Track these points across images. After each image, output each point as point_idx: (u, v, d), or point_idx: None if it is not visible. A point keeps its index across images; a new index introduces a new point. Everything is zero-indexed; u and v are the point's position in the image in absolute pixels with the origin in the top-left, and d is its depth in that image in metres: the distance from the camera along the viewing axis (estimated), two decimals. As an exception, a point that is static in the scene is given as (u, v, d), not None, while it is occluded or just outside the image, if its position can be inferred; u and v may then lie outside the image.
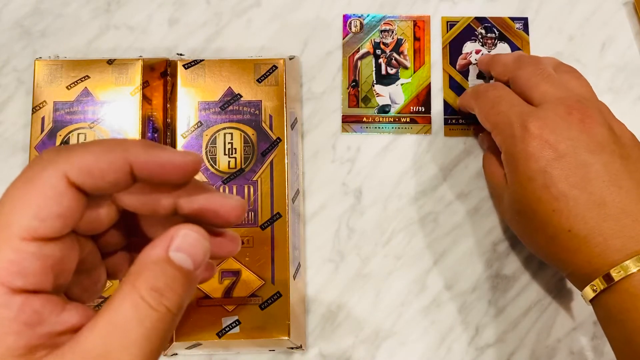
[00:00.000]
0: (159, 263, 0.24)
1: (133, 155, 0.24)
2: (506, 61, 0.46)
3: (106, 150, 0.24)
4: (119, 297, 0.23)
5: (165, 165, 0.25)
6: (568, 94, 0.42)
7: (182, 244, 0.24)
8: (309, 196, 0.50)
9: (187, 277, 0.24)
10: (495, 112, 0.43)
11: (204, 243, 0.25)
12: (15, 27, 0.53)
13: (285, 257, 0.45)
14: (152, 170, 0.25)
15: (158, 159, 0.25)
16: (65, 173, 0.23)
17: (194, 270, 0.25)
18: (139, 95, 0.48)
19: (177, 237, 0.24)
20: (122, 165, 0.24)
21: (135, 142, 0.25)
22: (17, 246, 0.23)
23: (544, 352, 0.47)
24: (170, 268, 0.24)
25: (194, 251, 0.25)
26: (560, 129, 0.39)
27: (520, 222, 0.43)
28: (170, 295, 0.24)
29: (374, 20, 0.53)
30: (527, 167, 0.40)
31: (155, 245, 0.24)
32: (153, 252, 0.24)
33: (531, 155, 0.39)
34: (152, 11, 0.54)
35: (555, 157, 0.39)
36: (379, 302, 0.48)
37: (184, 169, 0.25)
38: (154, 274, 0.24)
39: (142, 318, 0.23)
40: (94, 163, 0.24)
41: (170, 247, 0.24)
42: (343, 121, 0.52)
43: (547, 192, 0.39)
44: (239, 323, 0.44)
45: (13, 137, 0.51)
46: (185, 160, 0.25)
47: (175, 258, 0.24)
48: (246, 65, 0.48)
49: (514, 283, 0.48)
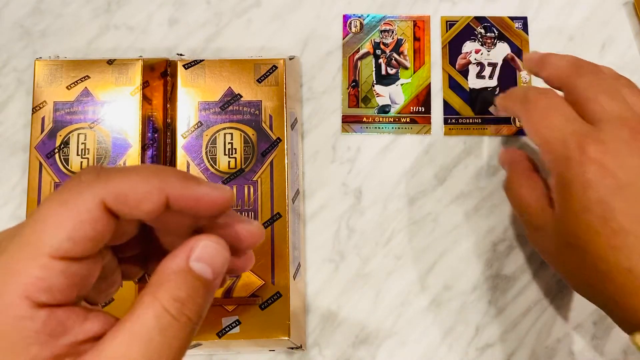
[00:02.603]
0: (180, 273, 0.24)
1: (170, 187, 0.25)
2: (560, 64, 0.41)
3: (144, 179, 0.24)
4: (141, 307, 0.23)
5: (201, 200, 0.25)
6: (630, 113, 0.37)
7: (202, 254, 0.25)
8: (309, 196, 0.50)
9: (207, 286, 0.25)
10: (547, 126, 0.38)
11: (224, 253, 0.25)
12: (15, 27, 0.53)
13: (285, 257, 0.45)
14: (188, 204, 0.25)
15: (195, 194, 0.25)
16: (102, 199, 0.24)
17: (214, 280, 0.25)
18: (139, 95, 0.48)
19: (197, 248, 0.25)
20: (159, 196, 0.24)
21: (173, 173, 0.25)
22: (46, 263, 0.23)
23: (544, 352, 0.47)
24: (191, 278, 0.24)
25: (213, 261, 0.25)
26: (623, 155, 0.35)
27: (569, 257, 0.38)
28: (191, 305, 0.24)
29: (374, 21, 0.53)
30: (583, 196, 0.35)
31: (176, 256, 0.25)
32: (174, 263, 0.24)
33: (589, 182, 0.35)
34: (152, 11, 0.54)
35: (617, 186, 0.35)
36: (379, 302, 0.48)
37: (219, 205, 0.26)
38: (175, 284, 0.24)
39: (164, 328, 0.23)
40: (131, 192, 0.24)
41: (191, 257, 0.25)
42: (343, 121, 0.52)
43: (606, 225, 0.35)
44: (239, 323, 0.44)
45: (13, 137, 0.51)
46: (221, 197, 0.26)
47: (196, 268, 0.24)
48: (246, 65, 0.48)
49: (514, 283, 0.48)
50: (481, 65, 0.53)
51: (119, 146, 0.47)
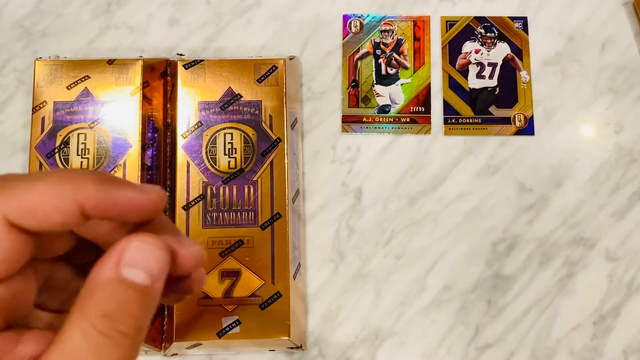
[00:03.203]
0: (108, 283, 0.21)
1: (84, 194, 0.21)
2: None
3: (52, 187, 0.21)
4: (69, 325, 0.21)
5: (122, 205, 0.22)
6: None
7: (134, 258, 0.22)
8: (309, 196, 0.50)
9: (144, 294, 0.22)
10: None
11: (160, 253, 0.22)
12: (15, 27, 0.53)
13: (285, 257, 0.45)
14: (107, 211, 0.22)
15: (113, 199, 0.22)
16: (4, 215, 0.21)
17: (152, 285, 0.22)
18: (139, 95, 0.48)
19: (128, 251, 0.22)
20: (70, 206, 0.21)
21: (88, 178, 0.22)
22: None
23: (544, 352, 0.47)
24: (122, 288, 0.21)
25: (148, 264, 0.22)
26: None
27: None
28: (124, 318, 0.21)
29: (374, 21, 0.53)
30: None
31: (104, 263, 0.21)
32: (102, 272, 0.21)
33: None
34: (152, 11, 0.54)
35: None
36: (379, 302, 0.48)
37: (144, 208, 0.23)
38: (103, 297, 0.21)
39: (95, 348, 0.20)
40: (37, 204, 0.21)
41: (121, 263, 0.21)
42: (343, 121, 0.52)
43: None
44: (239, 323, 0.44)
45: (13, 137, 0.51)
46: (146, 199, 0.23)
47: (127, 275, 0.21)
48: (246, 65, 0.48)
49: (514, 283, 0.48)
50: (481, 65, 0.53)
51: (119, 146, 0.47)
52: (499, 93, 0.52)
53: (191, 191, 0.46)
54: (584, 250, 0.49)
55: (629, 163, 0.50)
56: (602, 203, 0.50)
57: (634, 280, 0.48)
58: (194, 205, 0.46)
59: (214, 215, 0.46)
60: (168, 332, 0.44)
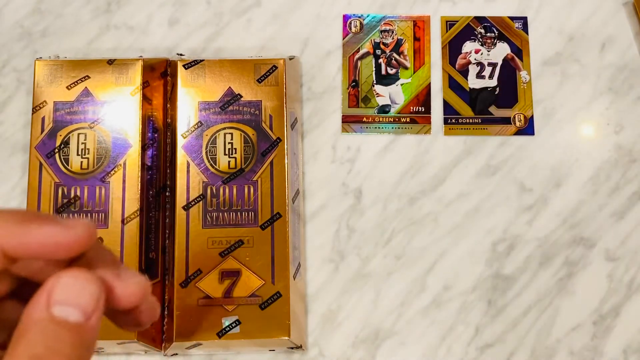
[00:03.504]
0: (38, 324, 0.20)
1: (2, 238, 0.21)
2: None
3: None
4: None
5: (44, 244, 0.21)
6: None
7: (64, 295, 0.21)
8: (309, 196, 0.50)
9: (77, 331, 0.21)
10: None
11: (91, 288, 0.21)
12: (15, 27, 0.53)
13: (285, 257, 0.45)
14: (29, 251, 0.21)
15: (35, 239, 0.21)
16: None
17: (87, 321, 0.21)
18: (139, 95, 0.48)
19: (57, 288, 0.21)
20: None
21: (7, 219, 0.21)
22: None
23: (544, 352, 0.47)
24: (53, 327, 0.20)
25: (80, 301, 0.21)
26: None
27: None
28: (55, 359, 0.20)
29: (374, 21, 0.53)
30: None
31: (35, 303, 0.21)
32: (33, 312, 0.20)
33: None
34: (152, 11, 0.54)
35: None
36: (379, 302, 0.48)
37: (68, 245, 0.21)
38: (32, 339, 0.20)
39: None
40: None
41: (51, 301, 0.20)
42: (343, 121, 0.52)
43: None
44: (239, 323, 0.44)
45: (13, 137, 0.51)
46: (70, 236, 0.21)
47: (58, 314, 0.20)
48: (246, 65, 0.48)
49: (514, 283, 0.48)
50: (481, 65, 0.53)
51: (119, 146, 0.47)
52: (499, 93, 0.52)
53: (191, 191, 0.46)
54: (584, 250, 0.49)
55: (629, 163, 0.51)
56: (602, 203, 0.50)
57: (633, 280, 0.48)
58: (194, 205, 0.46)
59: (214, 215, 0.46)
60: (168, 332, 0.44)
